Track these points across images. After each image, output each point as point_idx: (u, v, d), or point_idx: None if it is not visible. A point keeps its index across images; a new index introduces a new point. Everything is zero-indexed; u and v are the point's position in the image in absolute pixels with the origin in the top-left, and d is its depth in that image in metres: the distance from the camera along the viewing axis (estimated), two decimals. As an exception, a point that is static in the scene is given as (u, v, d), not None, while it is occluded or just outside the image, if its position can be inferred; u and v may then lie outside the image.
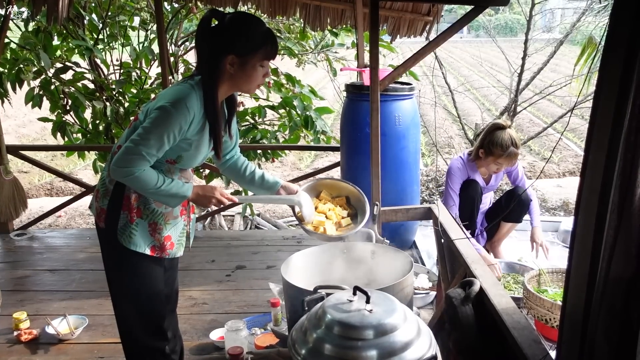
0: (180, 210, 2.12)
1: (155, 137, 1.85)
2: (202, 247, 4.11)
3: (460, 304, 1.85)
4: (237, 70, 1.94)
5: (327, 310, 1.51)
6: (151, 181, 1.89)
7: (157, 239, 2.03)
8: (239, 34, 1.91)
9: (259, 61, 1.95)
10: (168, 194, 1.93)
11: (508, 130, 3.36)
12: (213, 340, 2.80)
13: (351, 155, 3.75)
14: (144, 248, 2.00)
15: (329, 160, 8.90)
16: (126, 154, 1.86)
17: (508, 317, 1.69)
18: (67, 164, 9.08)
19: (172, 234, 2.08)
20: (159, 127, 1.84)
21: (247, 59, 1.92)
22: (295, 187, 2.26)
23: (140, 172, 1.86)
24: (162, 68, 4.23)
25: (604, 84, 1.18)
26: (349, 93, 3.76)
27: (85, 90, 4.91)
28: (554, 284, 3.04)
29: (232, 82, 1.98)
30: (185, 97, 1.86)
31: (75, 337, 2.89)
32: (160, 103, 1.87)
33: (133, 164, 1.85)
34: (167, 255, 2.07)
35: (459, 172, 3.45)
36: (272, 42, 1.96)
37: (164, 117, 1.84)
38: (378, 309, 1.49)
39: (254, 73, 1.96)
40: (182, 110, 1.85)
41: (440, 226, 2.40)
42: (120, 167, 1.86)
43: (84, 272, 3.70)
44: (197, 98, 1.90)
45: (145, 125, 1.87)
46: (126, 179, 1.87)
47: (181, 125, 1.86)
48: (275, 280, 3.46)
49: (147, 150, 1.85)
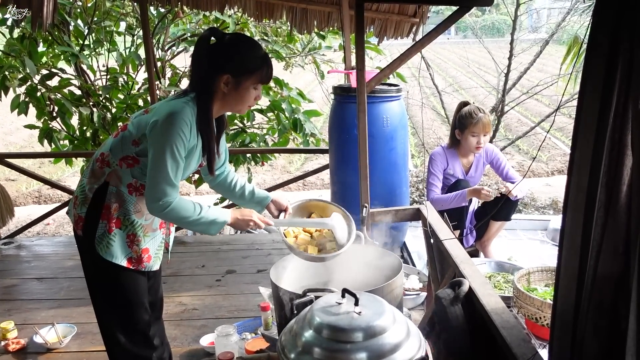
0: (160, 222, 2.10)
1: (166, 156, 1.85)
2: (191, 252, 4.09)
3: (450, 304, 1.84)
4: (230, 90, 1.95)
5: (315, 314, 1.50)
6: (189, 209, 1.91)
7: (135, 251, 2.01)
8: (237, 55, 1.93)
9: (253, 84, 1.96)
10: (207, 221, 1.95)
11: (473, 104, 3.60)
12: (203, 345, 2.78)
13: (340, 157, 3.75)
14: (121, 259, 1.98)
15: (319, 163, 8.88)
16: (150, 188, 1.88)
17: (497, 316, 1.69)
18: (55, 171, 9.01)
19: (150, 247, 2.06)
20: (163, 145, 1.84)
21: (241, 80, 1.94)
22: (285, 202, 2.25)
23: (175, 202, 1.88)
24: (149, 73, 4.20)
25: (588, 82, 1.18)
26: (336, 95, 3.76)
27: (71, 97, 4.87)
28: (543, 282, 3.04)
29: (224, 101, 1.99)
30: (181, 111, 1.87)
31: (64, 346, 2.86)
32: (155, 118, 1.87)
33: (161, 194, 1.86)
34: (144, 268, 2.05)
35: (439, 157, 3.60)
36: (268, 66, 1.98)
37: (164, 133, 1.84)
38: (367, 311, 1.48)
39: (247, 94, 1.97)
40: (179, 121, 1.85)
41: (429, 227, 2.40)
42: (153, 202, 1.87)
43: (72, 280, 3.67)
44: (192, 114, 1.90)
45: (151, 153, 1.87)
46: (166, 213, 1.88)
47: (184, 133, 1.86)
48: (265, 284, 3.44)
49: (166, 174, 1.85)
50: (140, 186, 1.99)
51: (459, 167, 3.60)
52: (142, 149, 1.93)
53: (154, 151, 1.87)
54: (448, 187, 3.55)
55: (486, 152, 3.64)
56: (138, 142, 1.93)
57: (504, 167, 3.63)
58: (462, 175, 3.61)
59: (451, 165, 3.58)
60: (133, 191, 1.99)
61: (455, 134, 3.58)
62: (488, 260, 3.35)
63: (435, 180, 3.55)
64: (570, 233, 1.31)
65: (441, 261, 2.47)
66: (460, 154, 3.61)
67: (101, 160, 2.00)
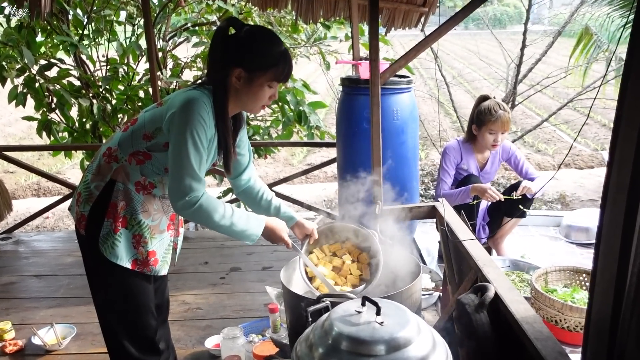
0: (167, 224, 1.99)
1: (188, 146, 1.73)
2: (194, 249, 3.98)
3: (475, 311, 1.73)
4: (243, 85, 1.83)
5: (334, 323, 1.39)
6: (218, 209, 1.78)
7: (141, 252, 1.90)
8: (252, 48, 1.80)
9: (268, 81, 1.84)
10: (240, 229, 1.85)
11: (494, 99, 3.43)
12: (208, 348, 2.68)
13: (348, 151, 3.62)
14: (126, 261, 1.87)
15: (322, 156, 8.79)
16: (174, 185, 1.75)
17: (529, 326, 1.57)
18: (55, 163, 8.89)
19: (157, 250, 1.95)
20: (184, 133, 1.73)
21: (255, 76, 1.82)
22: (311, 226, 2.13)
23: (204, 199, 1.76)
24: (150, 64, 4.06)
25: (632, 74, 1.08)
26: (344, 87, 3.63)
27: (70, 88, 4.75)
28: (561, 282, 2.93)
29: (237, 97, 1.86)
30: (199, 97, 1.76)
31: (63, 348, 2.75)
32: (172, 110, 1.76)
33: (188, 189, 1.74)
34: (149, 272, 1.93)
35: (453, 152, 3.46)
36: (285, 64, 1.84)
37: (183, 121, 1.73)
38: (389, 321, 1.37)
39: (260, 92, 1.85)
40: (198, 107, 1.74)
41: (447, 226, 2.28)
42: (179, 200, 1.75)
43: (72, 277, 3.56)
44: (209, 104, 1.79)
45: (172, 145, 1.75)
46: (194, 212, 1.76)
47: (204, 120, 1.74)
48: (270, 282, 3.34)
49: (189, 167, 1.73)
50: (149, 185, 1.89)
51: (473, 163, 3.48)
52: (154, 144, 1.82)
53: (174, 142, 1.75)
54: (459, 182, 3.43)
55: (503, 149, 3.51)
56: (150, 136, 1.82)
57: (522, 165, 3.50)
58: (477, 171, 3.49)
59: (465, 160, 3.45)
60: (141, 189, 1.88)
61: (472, 129, 3.45)
62: (502, 258, 3.24)
63: (446, 177, 3.43)
64: (608, 235, 1.21)
65: (459, 262, 2.36)
66: (476, 149, 3.49)
67: (108, 155, 1.89)
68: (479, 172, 3.50)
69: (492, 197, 3.17)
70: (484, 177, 3.50)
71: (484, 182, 3.46)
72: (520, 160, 3.50)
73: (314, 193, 6.70)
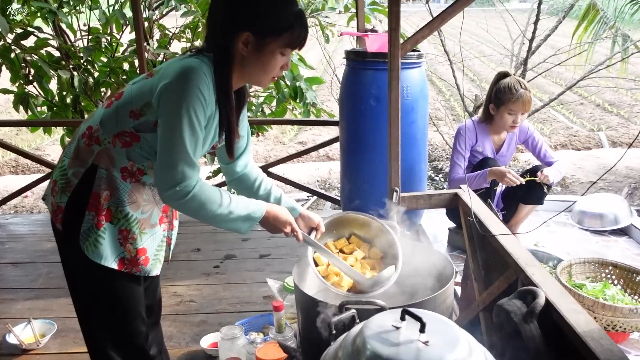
0: (160, 217, 1.72)
1: (183, 125, 1.46)
2: (185, 234, 3.67)
3: (523, 320, 1.50)
4: (250, 53, 1.55)
5: (368, 342, 1.14)
6: (215, 199, 1.52)
7: (128, 250, 1.63)
8: (262, 7, 1.53)
9: (280, 48, 1.56)
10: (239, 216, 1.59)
11: (514, 76, 3.19)
12: (204, 347, 2.44)
13: (353, 131, 3.35)
14: (111, 261, 1.60)
15: (313, 134, 8.49)
16: (163, 171, 1.49)
17: (595, 343, 1.34)
18: (34, 139, 8.48)
19: (148, 247, 1.68)
20: (178, 110, 1.46)
21: (265, 42, 1.54)
22: (317, 219, 1.85)
23: (198, 187, 1.49)
24: (137, 33, 3.76)
25: None
26: (349, 61, 3.34)
27: (49, 59, 4.40)
28: (584, 275, 2.73)
29: (243, 68, 1.58)
30: (198, 67, 1.48)
31: (42, 347, 2.50)
32: (165, 81, 1.48)
33: (180, 177, 1.47)
34: (139, 272, 1.67)
35: (468, 133, 3.22)
36: (301, 27, 1.57)
37: (177, 95, 1.46)
38: (436, 340, 1.13)
39: (272, 61, 1.57)
40: (196, 78, 1.47)
41: (475, 217, 2.04)
42: (168, 189, 1.48)
43: (51, 266, 3.27)
44: (210, 75, 1.51)
45: (162, 124, 1.49)
46: (185, 202, 1.50)
47: (203, 94, 1.48)
48: (270, 273, 3.11)
49: (183, 150, 1.47)
50: (138, 171, 1.61)
51: (489, 145, 3.24)
52: (143, 123, 1.54)
53: (165, 121, 1.48)
54: (474, 166, 3.19)
55: (521, 130, 3.27)
56: (138, 114, 1.54)
57: (540, 148, 3.27)
58: (492, 153, 3.25)
59: (481, 141, 3.21)
60: (128, 177, 1.61)
61: (489, 109, 3.20)
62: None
63: (459, 159, 3.18)
64: None
65: (486, 255, 2.12)
66: (492, 130, 3.25)
67: (89, 135, 1.61)
68: (495, 155, 3.26)
69: (512, 181, 2.94)
70: (500, 161, 3.27)
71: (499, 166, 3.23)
72: (538, 142, 3.27)
73: (307, 173, 6.42)
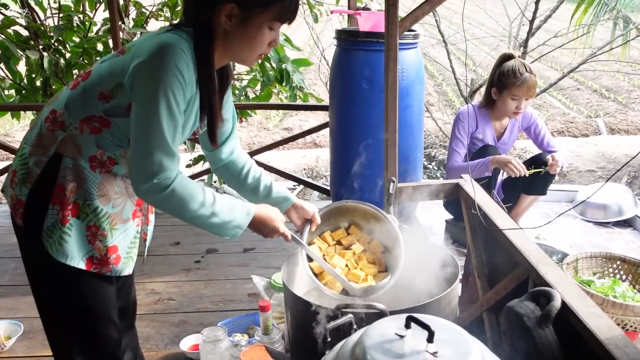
0: (133, 210, 1.53)
1: (160, 108, 1.28)
2: (164, 226, 3.47)
3: (537, 325, 1.34)
4: (235, 27, 1.37)
5: (369, 353, 0.99)
6: (197, 194, 1.35)
7: (98, 248, 1.45)
8: None
9: (269, 21, 1.37)
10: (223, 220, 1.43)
11: (518, 59, 2.98)
12: (184, 350, 2.25)
13: (344, 116, 3.15)
14: (78, 260, 1.42)
15: (300, 119, 8.27)
16: (138, 162, 1.30)
17: (620, 352, 1.19)
18: (2, 124, 8.13)
19: (120, 244, 1.49)
20: (154, 92, 1.28)
21: (252, 14, 1.35)
22: (312, 209, 1.70)
23: (178, 180, 1.32)
24: (111, 12, 3.53)
25: None
26: (340, 41, 3.13)
27: (17, 38, 4.13)
28: (591, 271, 2.58)
29: (226, 43, 1.40)
30: (176, 44, 1.30)
31: (8, 350, 2.30)
32: (139, 59, 1.29)
33: (157, 168, 1.29)
34: (109, 272, 1.49)
35: (467, 118, 3.02)
36: None
37: (153, 74, 1.28)
38: (445, 351, 0.97)
39: (258, 36, 1.39)
40: (174, 55, 1.29)
41: (478, 210, 1.86)
42: (144, 182, 1.30)
43: (19, 261, 2.96)
44: (189, 53, 1.33)
45: (136, 108, 1.31)
46: (164, 198, 1.33)
47: (181, 74, 1.30)
48: (255, 268, 2.93)
49: (160, 137, 1.29)
50: (108, 160, 1.43)
51: (490, 132, 3.06)
52: (113, 106, 1.36)
53: (140, 104, 1.30)
54: (474, 154, 3.01)
55: (524, 116, 3.09)
56: (108, 96, 1.35)
57: (543, 136, 3.09)
58: (493, 141, 3.07)
59: (481, 128, 3.03)
60: (97, 167, 1.42)
61: (491, 93, 3.00)
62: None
63: (459, 147, 3.00)
64: None
65: (491, 251, 1.95)
66: (494, 116, 3.06)
67: (52, 120, 1.42)
68: (496, 142, 3.08)
69: (516, 170, 2.76)
70: (501, 149, 3.09)
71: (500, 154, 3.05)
72: (541, 129, 3.09)
73: (294, 160, 6.22)
